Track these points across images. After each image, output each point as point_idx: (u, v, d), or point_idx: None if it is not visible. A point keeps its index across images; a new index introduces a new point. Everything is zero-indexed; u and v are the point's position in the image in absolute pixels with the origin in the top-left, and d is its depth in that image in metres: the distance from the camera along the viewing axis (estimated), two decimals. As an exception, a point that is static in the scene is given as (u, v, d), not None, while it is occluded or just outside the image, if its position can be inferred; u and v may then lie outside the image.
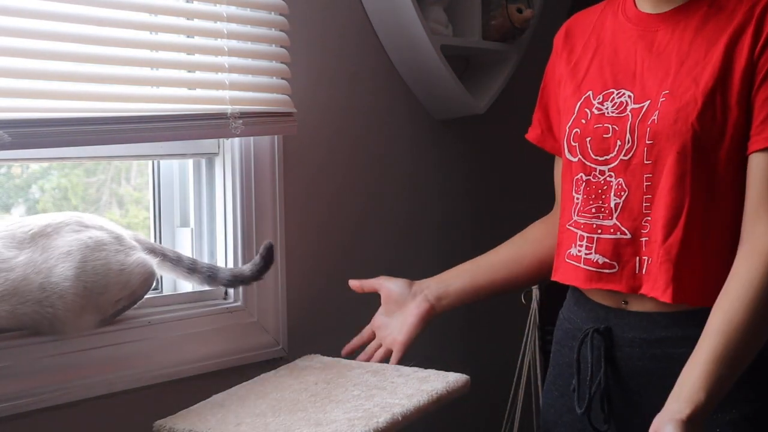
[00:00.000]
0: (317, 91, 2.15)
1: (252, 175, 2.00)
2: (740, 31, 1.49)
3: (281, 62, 2.01)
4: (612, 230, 1.56)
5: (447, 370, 1.79)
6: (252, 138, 2.00)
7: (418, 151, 2.42)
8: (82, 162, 1.93)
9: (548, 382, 1.77)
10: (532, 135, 1.82)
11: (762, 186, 1.47)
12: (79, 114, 1.68)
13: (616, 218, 1.56)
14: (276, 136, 2.04)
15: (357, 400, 1.67)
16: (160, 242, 2.00)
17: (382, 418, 1.57)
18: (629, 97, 1.57)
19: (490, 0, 2.44)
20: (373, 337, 1.94)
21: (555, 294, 1.89)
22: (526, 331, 2.27)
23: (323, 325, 2.17)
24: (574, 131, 1.62)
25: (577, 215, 1.62)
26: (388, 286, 1.91)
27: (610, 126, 1.56)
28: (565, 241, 1.66)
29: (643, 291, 1.53)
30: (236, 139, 1.98)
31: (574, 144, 1.62)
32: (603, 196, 1.57)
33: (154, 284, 1.85)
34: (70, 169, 1.98)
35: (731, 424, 1.49)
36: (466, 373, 1.78)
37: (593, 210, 1.59)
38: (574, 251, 1.62)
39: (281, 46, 2.00)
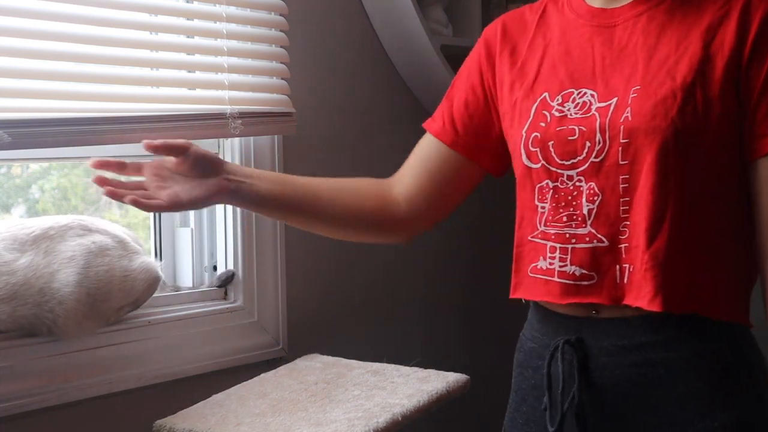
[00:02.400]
0: (317, 90, 2.15)
1: (252, 175, 2.00)
2: (718, 24, 1.40)
3: (280, 62, 2.01)
4: (587, 239, 1.42)
5: (447, 370, 1.79)
6: (252, 138, 2.00)
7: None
8: (82, 162, 1.93)
9: (511, 410, 1.59)
10: (434, 128, 1.65)
11: None
12: (79, 114, 1.68)
13: (591, 225, 1.42)
14: (276, 136, 2.04)
15: (357, 400, 1.67)
16: (160, 242, 2.01)
17: (382, 418, 1.57)
18: (592, 96, 1.43)
19: (490, 0, 2.44)
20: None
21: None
22: (526, 331, 2.26)
23: (323, 325, 2.17)
24: (533, 136, 1.46)
25: (545, 225, 1.46)
26: (199, 150, 1.55)
27: (575, 128, 1.43)
28: (527, 254, 1.49)
29: (626, 301, 1.40)
30: (236, 139, 1.98)
31: (533, 149, 1.46)
32: (574, 203, 1.43)
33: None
34: (70, 169, 1.98)
35: (721, 428, 1.45)
36: (466, 373, 1.78)
37: (564, 219, 1.44)
38: (542, 264, 1.46)
39: (281, 47, 2.01)
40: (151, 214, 2.00)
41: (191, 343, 1.89)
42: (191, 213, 2.02)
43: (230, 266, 2.00)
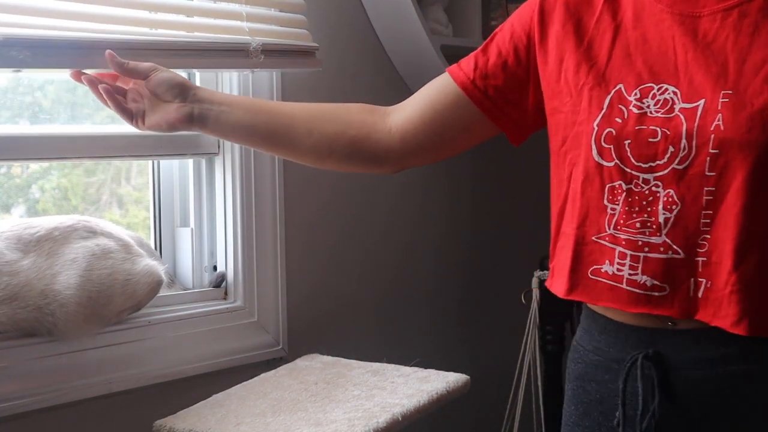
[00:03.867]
0: (317, 91, 2.15)
1: (252, 174, 2.00)
2: None
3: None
4: (662, 248, 1.32)
5: (447, 370, 1.79)
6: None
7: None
8: (82, 162, 1.93)
9: (570, 423, 1.49)
10: (460, 77, 1.51)
11: None
12: (94, 36, 1.65)
13: (666, 235, 1.31)
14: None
15: (357, 400, 1.67)
16: (160, 242, 2.01)
17: (382, 418, 1.57)
18: (675, 94, 1.31)
19: (490, 0, 2.44)
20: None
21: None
22: (526, 331, 2.26)
23: (323, 325, 2.17)
24: (607, 131, 1.34)
25: (615, 228, 1.35)
26: (163, 75, 1.57)
27: (658, 129, 1.31)
28: (589, 255, 1.38)
29: (701, 317, 1.32)
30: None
31: (607, 146, 1.35)
32: (649, 209, 1.32)
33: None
34: (70, 169, 1.98)
35: None
36: (466, 373, 1.78)
37: (638, 225, 1.33)
38: (608, 269, 1.36)
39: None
40: (151, 212, 2.00)
41: (191, 343, 1.89)
42: (191, 213, 2.02)
43: (230, 267, 2.00)
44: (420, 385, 1.72)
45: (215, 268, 2.02)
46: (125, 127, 1.66)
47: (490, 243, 1.96)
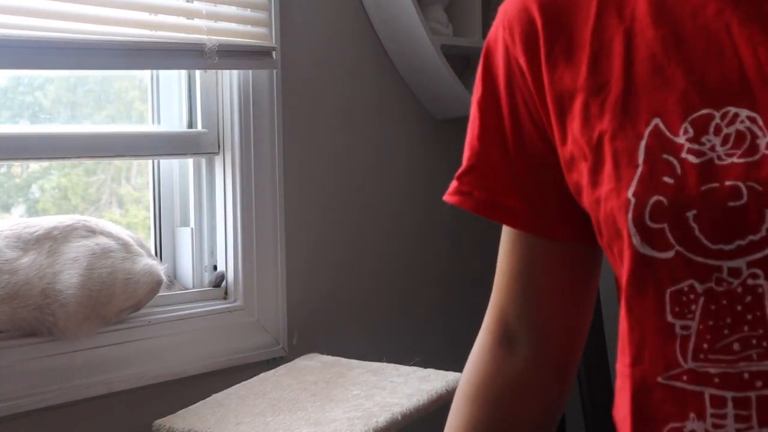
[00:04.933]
0: (317, 90, 2.15)
1: (252, 174, 2.00)
2: None
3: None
4: None
5: (447, 369, 1.79)
6: (252, 137, 2.00)
7: (419, 151, 2.42)
8: (82, 162, 1.93)
9: None
10: (468, 203, 1.00)
11: None
12: (49, 34, 1.65)
13: None
14: (276, 139, 2.03)
15: (357, 399, 1.67)
16: (160, 242, 2.01)
17: (382, 418, 1.57)
18: (752, 121, 0.80)
19: (490, 0, 2.44)
20: None
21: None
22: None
23: (323, 324, 2.17)
24: (653, 201, 0.81)
25: (696, 360, 0.83)
26: None
27: (739, 184, 0.78)
28: (658, 408, 0.85)
29: None
30: (236, 138, 1.98)
31: (656, 225, 0.82)
32: (749, 317, 0.80)
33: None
34: (70, 168, 1.98)
35: None
36: (466, 373, 1.78)
37: (735, 346, 0.81)
38: (696, 427, 0.83)
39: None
40: (151, 212, 2.00)
41: (191, 342, 1.89)
42: (191, 212, 2.02)
43: (230, 266, 2.00)
44: (420, 384, 1.72)
45: (215, 267, 2.02)
46: (125, 127, 1.66)
47: (493, 242, 1.95)
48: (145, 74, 1.99)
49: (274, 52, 2.01)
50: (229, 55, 1.89)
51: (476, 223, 2.60)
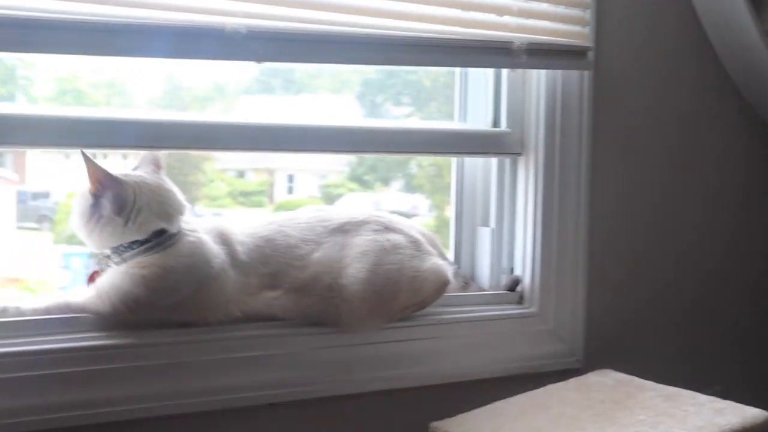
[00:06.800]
0: (633, 93, 2.05)
1: (556, 177, 1.93)
2: None
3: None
4: None
5: (748, 403, 1.63)
6: (558, 139, 1.93)
7: (740, 159, 2.25)
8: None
9: None
10: None
11: None
12: (346, 29, 1.66)
13: None
14: (584, 142, 1.95)
15: (641, 425, 1.57)
16: (460, 240, 1.99)
17: (662, 450, 1.46)
18: None
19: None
20: None
21: None
22: None
23: (623, 339, 2.06)
24: None
25: None
26: None
27: None
28: None
29: None
30: (541, 139, 1.92)
31: None
32: None
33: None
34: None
35: None
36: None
37: None
38: None
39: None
40: (453, 210, 1.99)
41: (480, 345, 1.86)
42: (492, 213, 1.98)
43: (527, 270, 1.95)
44: (713, 417, 1.58)
45: (512, 270, 1.98)
46: (430, 124, 1.65)
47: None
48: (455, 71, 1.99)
49: (589, 53, 1.92)
50: (538, 54, 1.84)
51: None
